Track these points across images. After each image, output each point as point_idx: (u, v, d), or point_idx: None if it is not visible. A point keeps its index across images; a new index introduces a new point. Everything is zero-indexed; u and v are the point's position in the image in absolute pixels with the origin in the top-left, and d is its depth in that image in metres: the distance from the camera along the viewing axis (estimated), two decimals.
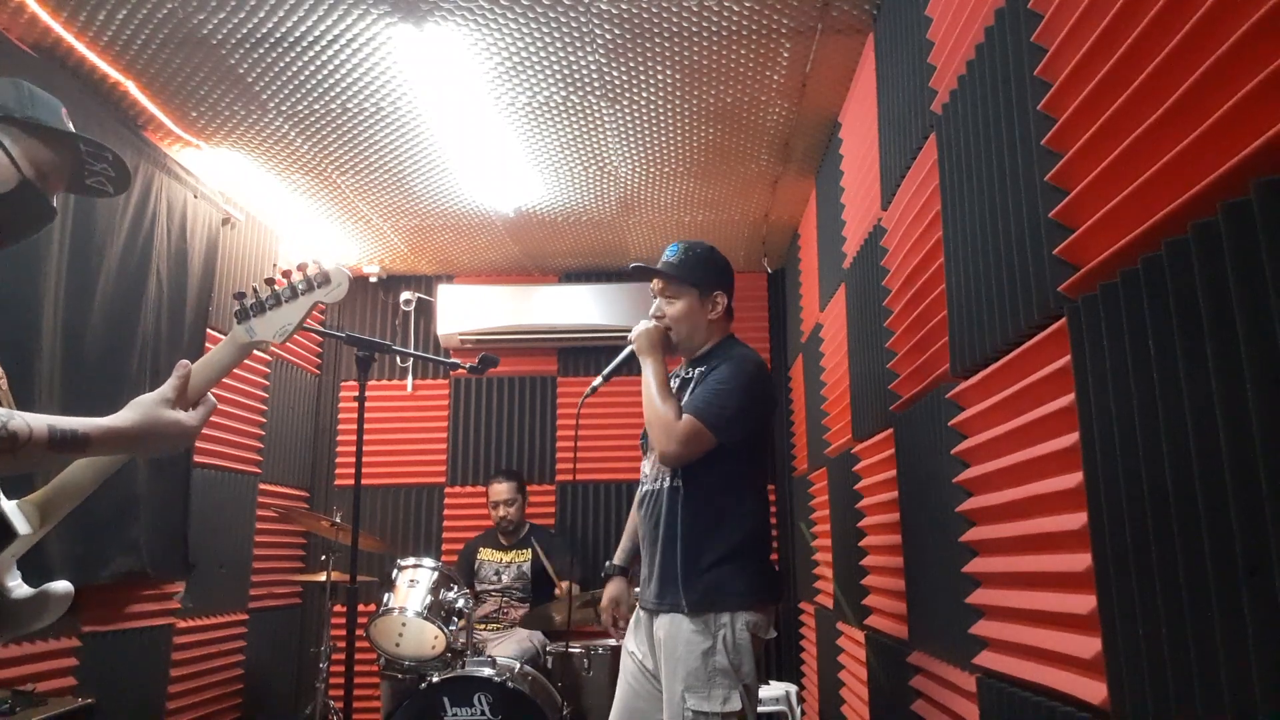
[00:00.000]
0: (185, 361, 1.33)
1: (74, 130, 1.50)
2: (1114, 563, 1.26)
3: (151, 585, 3.58)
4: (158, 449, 1.28)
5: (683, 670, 2.14)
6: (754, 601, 2.20)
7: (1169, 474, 1.11)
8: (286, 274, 1.47)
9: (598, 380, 2.51)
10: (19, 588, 1.38)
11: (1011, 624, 1.68)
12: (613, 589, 2.59)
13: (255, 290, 1.46)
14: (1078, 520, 1.38)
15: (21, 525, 1.31)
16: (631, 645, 2.38)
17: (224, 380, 1.46)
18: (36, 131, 1.44)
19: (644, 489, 2.40)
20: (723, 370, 2.29)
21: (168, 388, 1.29)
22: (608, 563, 2.66)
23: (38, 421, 1.13)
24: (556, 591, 4.17)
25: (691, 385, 2.33)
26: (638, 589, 2.44)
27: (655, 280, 2.41)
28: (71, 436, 1.16)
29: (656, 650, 2.27)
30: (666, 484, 2.30)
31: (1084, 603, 1.36)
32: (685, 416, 2.21)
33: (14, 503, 1.33)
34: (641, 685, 2.33)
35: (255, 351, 1.49)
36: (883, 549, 2.68)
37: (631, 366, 2.42)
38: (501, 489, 4.48)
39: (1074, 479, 1.39)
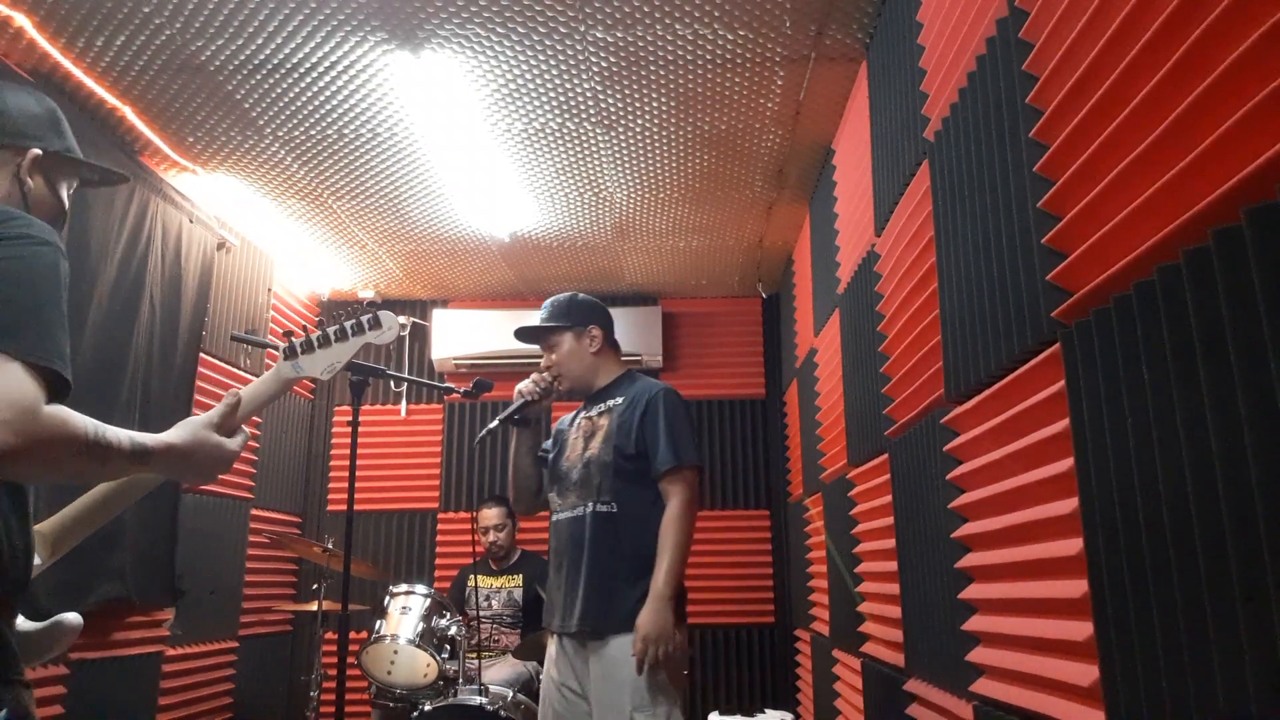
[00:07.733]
0: (237, 389, 1.37)
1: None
2: (1110, 589, 1.25)
3: (140, 612, 3.53)
4: (201, 471, 1.30)
5: (629, 689, 2.21)
6: (680, 621, 2.30)
7: (1164, 499, 1.11)
8: (336, 317, 1.57)
9: (494, 423, 2.58)
10: (23, 621, 1.36)
11: (1008, 651, 1.67)
12: None
13: (305, 330, 1.56)
14: (1074, 546, 1.37)
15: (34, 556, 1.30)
16: (553, 673, 2.44)
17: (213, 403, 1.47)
18: (69, 165, 1.41)
19: (559, 517, 2.48)
20: (656, 406, 2.41)
21: (215, 414, 1.31)
22: None
23: (120, 432, 1.15)
24: None
25: (611, 420, 2.44)
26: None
27: (539, 344, 2.59)
28: (142, 449, 1.18)
29: (584, 671, 2.35)
30: (591, 508, 2.38)
31: (1081, 629, 1.35)
32: (680, 470, 2.35)
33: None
34: (573, 708, 2.38)
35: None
36: (878, 575, 2.67)
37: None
38: (491, 514, 4.43)
39: (1069, 505, 1.39)
